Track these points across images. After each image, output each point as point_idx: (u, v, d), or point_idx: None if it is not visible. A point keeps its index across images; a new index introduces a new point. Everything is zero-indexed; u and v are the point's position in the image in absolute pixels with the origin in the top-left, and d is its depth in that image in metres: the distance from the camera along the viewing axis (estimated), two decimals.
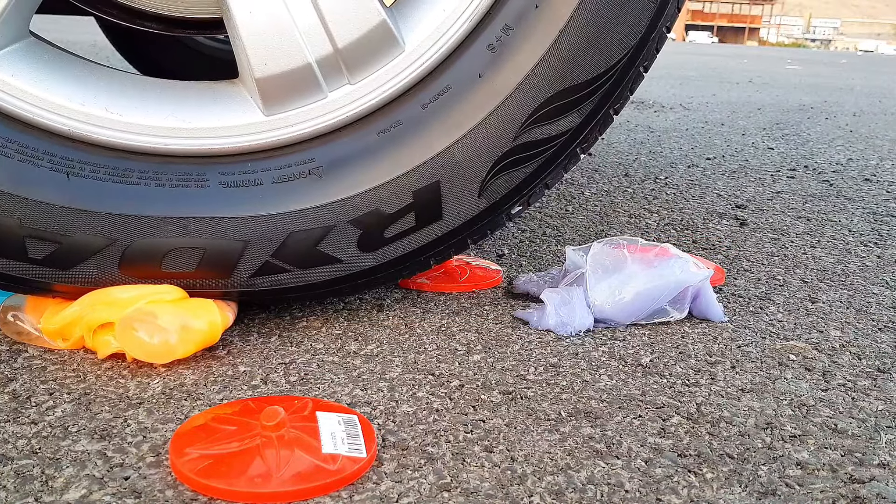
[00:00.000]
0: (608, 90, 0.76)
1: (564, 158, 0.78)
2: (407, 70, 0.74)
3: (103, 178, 0.70)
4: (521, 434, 0.61)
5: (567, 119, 0.75)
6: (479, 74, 0.74)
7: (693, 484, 0.56)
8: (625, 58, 0.75)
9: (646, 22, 0.74)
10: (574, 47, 0.73)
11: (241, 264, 0.73)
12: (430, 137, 0.74)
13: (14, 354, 0.70)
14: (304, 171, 0.73)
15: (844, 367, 0.76)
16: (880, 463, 0.60)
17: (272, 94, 0.72)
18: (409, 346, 0.76)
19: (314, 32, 0.71)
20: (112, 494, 0.51)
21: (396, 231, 0.75)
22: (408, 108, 0.74)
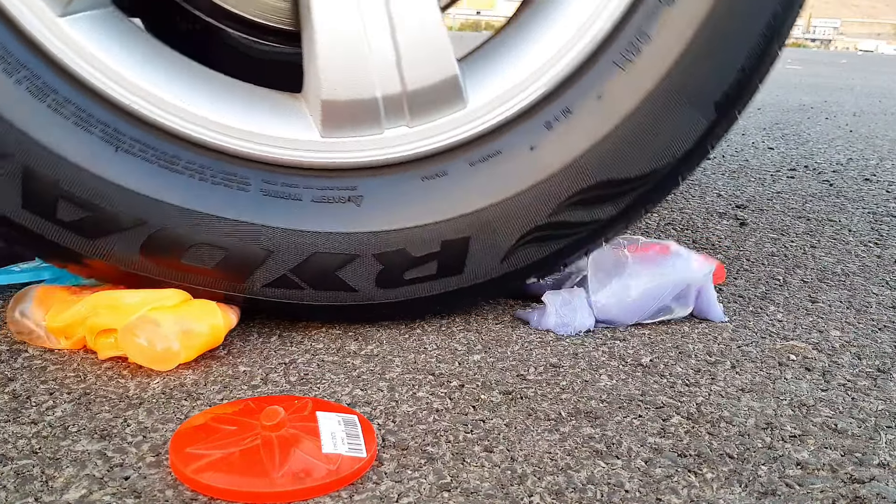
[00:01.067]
0: (647, 190, 0.78)
1: (589, 243, 0.80)
2: (464, 126, 0.75)
3: (150, 160, 0.70)
4: (521, 434, 0.61)
5: (602, 209, 0.77)
6: (530, 147, 0.75)
7: (693, 484, 0.56)
8: (670, 165, 0.77)
9: (695, 138, 0.77)
10: (626, 144, 0.75)
11: (258, 272, 0.73)
12: (471, 194, 0.75)
13: (14, 354, 0.70)
14: (345, 196, 0.74)
15: (844, 367, 0.76)
16: (880, 463, 0.60)
17: (334, 117, 0.73)
18: (409, 346, 0.76)
19: (388, 71, 0.72)
20: (112, 494, 0.51)
21: (416, 275, 0.76)
22: (456, 162, 0.75)
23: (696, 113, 0.76)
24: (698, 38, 0.74)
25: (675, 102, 0.75)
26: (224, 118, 0.72)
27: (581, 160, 0.75)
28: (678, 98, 0.75)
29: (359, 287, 0.75)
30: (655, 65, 0.74)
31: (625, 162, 0.76)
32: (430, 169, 0.75)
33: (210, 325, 0.69)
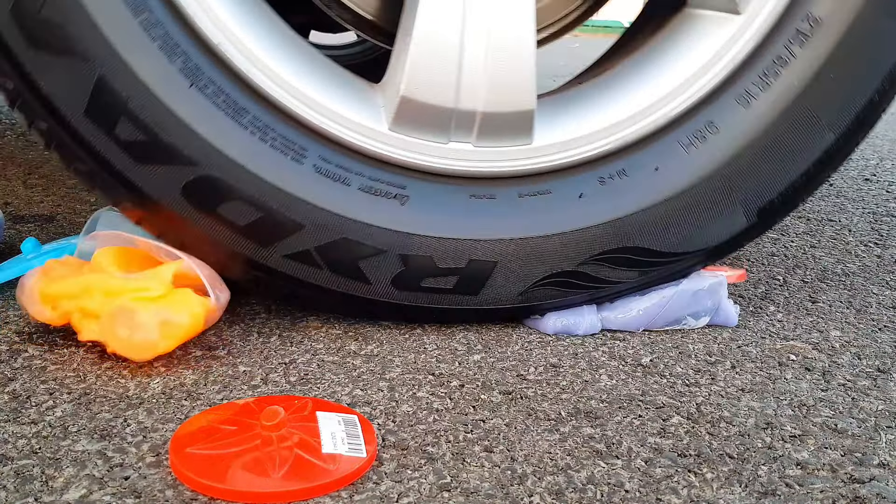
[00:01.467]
0: (673, 268, 0.80)
1: (602, 299, 0.81)
2: (525, 160, 0.76)
3: (219, 105, 0.70)
4: (521, 434, 0.61)
5: (628, 273, 0.79)
6: (580, 195, 0.77)
7: (693, 484, 0.56)
8: (702, 252, 0.80)
9: (731, 235, 0.80)
10: (669, 220, 0.78)
11: (284, 242, 0.73)
12: (510, 223, 0.76)
13: (14, 354, 0.70)
14: (392, 193, 0.74)
15: (844, 367, 0.76)
16: (880, 463, 0.60)
17: (407, 115, 0.73)
18: (409, 346, 0.76)
19: (472, 88, 0.73)
20: (112, 494, 0.51)
21: (432, 285, 0.76)
22: (507, 189, 0.77)
23: (739, 213, 0.79)
24: (752, 148, 0.78)
25: (725, 197, 0.78)
26: (301, 84, 0.72)
27: (624, 221, 0.77)
28: (729, 194, 0.78)
29: (374, 281, 0.75)
30: (714, 156, 0.78)
31: (663, 237, 0.78)
32: (480, 189, 0.76)
33: (190, 315, 0.68)
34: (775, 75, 0.77)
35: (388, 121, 0.73)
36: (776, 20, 0.76)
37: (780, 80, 0.76)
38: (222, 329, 0.77)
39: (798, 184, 0.79)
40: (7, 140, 1.67)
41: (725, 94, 0.77)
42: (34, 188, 1.27)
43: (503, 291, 0.77)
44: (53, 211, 1.15)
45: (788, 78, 0.76)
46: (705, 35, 0.77)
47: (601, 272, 0.78)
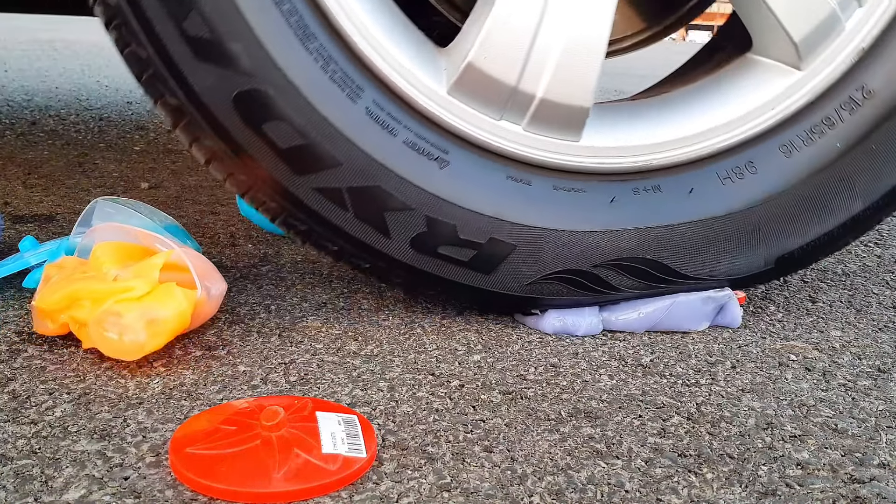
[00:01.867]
0: (685, 286, 0.82)
1: (605, 304, 0.81)
2: (565, 154, 0.77)
3: (290, 24, 0.70)
4: (521, 434, 0.61)
5: (638, 284, 0.80)
6: (611, 199, 0.78)
7: (693, 484, 0.56)
8: (715, 281, 0.81)
9: (752, 273, 0.82)
10: (690, 240, 0.80)
11: (318, 175, 0.73)
12: (539, 212, 0.77)
13: (14, 354, 0.70)
14: (434, 154, 0.74)
15: (845, 367, 0.76)
16: (880, 463, 0.60)
17: (466, 83, 0.74)
18: (409, 346, 0.76)
19: (537, 70, 0.74)
20: (112, 494, 0.51)
21: (449, 253, 0.76)
22: (543, 178, 0.78)
23: (760, 256, 0.81)
24: (784, 197, 0.80)
25: (750, 236, 0.80)
26: (372, 24, 0.72)
27: (649, 233, 0.78)
28: (754, 234, 0.80)
29: (394, 236, 0.75)
30: (748, 195, 0.79)
31: (682, 257, 0.79)
32: (519, 173, 0.77)
33: (175, 311, 0.68)
34: (821, 134, 0.79)
35: (448, 84, 0.74)
36: (832, 84, 0.79)
37: (825, 139, 0.79)
38: (222, 329, 0.77)
39: (819, 242, 0.82)
40: (7, 140, 1.67)
41: (770, 140, 0.80)
42: (34, 188, 1.27)
43: (514, 277, 0.77)
44: (53, 211, 1.15)
45: (832, 139, 0.79)
46: (763, 82, 0.80)
47: (613, 278, 0.78)
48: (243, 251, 1.02)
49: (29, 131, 1.78)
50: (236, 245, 1.04)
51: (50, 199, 1.22)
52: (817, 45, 0.78)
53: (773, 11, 0.76)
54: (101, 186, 1.31)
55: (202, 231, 1.10)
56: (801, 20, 0.76)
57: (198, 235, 1.08)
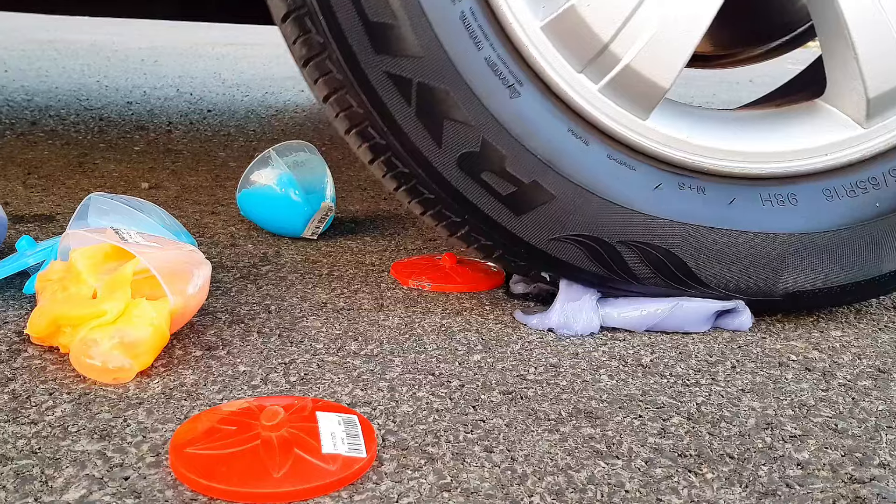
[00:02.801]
0: (694, 290, 0.83)
1: (614, 291, 0.83)
2: (627, 128, 0.77)
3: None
4: (521, 434, 0.61)
5: (653, 277, 0.81)
6: (656, 185, 0.79)
7: (693, 484, 0.56)
8: (721, 292, 0.83)
9: (759, 295, 0.83)
10: (708, 244, 0.81)
11: (391, 59, 0.73)
12: (586, 171, 0.77)
13: (14, 354, 0.70)
14: (509, 82, 0.73)
15: (845, 367, 0.76)
16: (881, 463, 0.60)
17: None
18: (409, 346, 0.76)
19: (633, 31, 0.74)
20: (112, 494, 0.51)
21: (489, 181, 0.76)
22: (598, 141, 0.77)
23: (773, 283, 0.82)
24: (814, 237, 0.82)
25: (771, 265, 0.81)
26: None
27: (682, 229, 0.79)
28: (775, 263, 0.82)
29: (445, 146, 0.74)
30: (783, 222, 0.81)
31: (707, 265, 0.81)
32: (579, 129, 0.76)
33: (150, 329, 0.67)
34: (863, 191, 0.82)
35: (543, 20, 0.73)
36: (887, 149, 0.81)
37: (866, 196, 0.82)
38: (222, 329, 0.77)
39: (831, 291, 0.84)
40: (7, 140, 1.67)
41: (815, 182, 0.81)
42: (34, 188, 1.27)
43: (541, 227, 0.77)
44: (53, 211, 1.15)
45: (873, 199, 0.82)
46: (823, 128, 0.82)
47: (633, 262, 0.79)
48: (243, 251, 1.02)
49: (29, 131, 1.78)
50: (236, 245, 1.04)
51: (50, 199, 1.22)
52: (886, 109, 0.80)
53: (859, 63, 0.78)
54: (101, 186, 1.31)
55: (202, 231, 1.10)
56: (881, 79, 0.79)
57: (198, 235, 1.08)
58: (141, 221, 0.86)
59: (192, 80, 2.90)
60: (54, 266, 0.74)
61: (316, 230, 1.07)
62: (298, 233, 1.07)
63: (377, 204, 1.30)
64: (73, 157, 1.54)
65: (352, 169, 1.56)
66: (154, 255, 0.70)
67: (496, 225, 0.78)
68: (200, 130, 1.90)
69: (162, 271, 0.68)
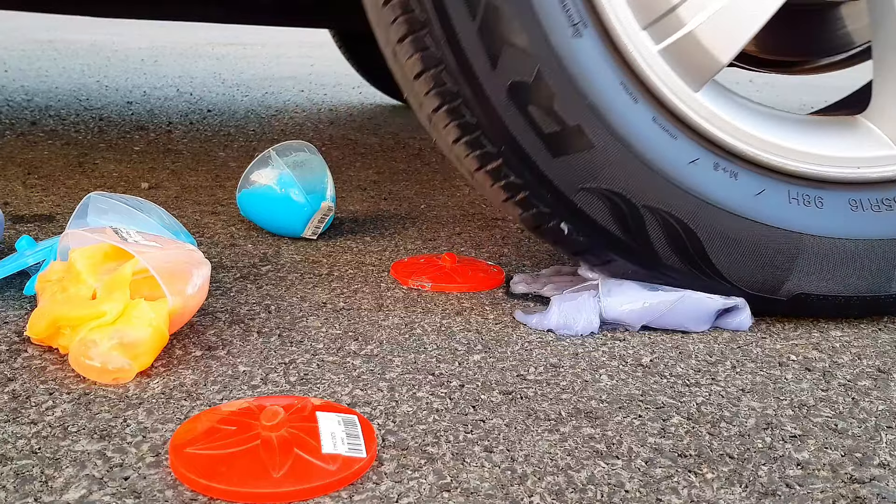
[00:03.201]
0: (696, 275, 0.84)
1: (627, 268, 0.83)
2: (677, 96, 0.77)
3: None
4: (521, 434, 0.61)
5: (671, 255, 0.81)
6: (693, 160, 0.79)
7: (693, 484, 0.56)
8: (741, 289, 0.83)
9: (769, 292, 0.83)
10: (731, 233, 0.81)
11: None
12: (631, 126, 0.76)
13: (14, 354, 0.70)
14: (574, 21, 0.74)
15: (845, 367, 0.76)
16: (881, 463, 0.60)
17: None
18: (409, 346, 0.76)
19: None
20: (112, 494, 0.51)
21: (534, 115, 0.75)
22: (646, 100, 0.77)
23: (782, 282, 0.83)
24: (836, 244, 0.82)
25: (782, 262, 0.82)
26: None
27: (707, 210, 0.79)
28: (786, 261, 0.82)
29: (499, 71, 0.74)
30: (802, 223, 0.81)
31: (723, 252, 0.81)
32: (631, 85, 0.76)
33: (149, 329, 0.66)
34: (888, 209, 0.83)
35: None
36: None
37: (890, 214, 0.83)
38: (222, 329, 0.77)
39: (836, 300, 0.84)
40: (7, 140, 1.67)
41: (844, 191, 0.82)
42: (34, 188, 1.27)
43: (573, 173, 0.77)
44: (53, 211, 1.15)
45: (895, 217, 0.83)
46: (859, 142, 0.83)
47: (654, 231, 0.79)
48: (243, 251, 1.02)
49: (29, 131, 1.78)
50: (236, 245, 1.04)
51: (50, 199, 1.22)
52: None
53: None
54: (101, 186, 1.31)
55: (202, 231, 1.10)
56: None
57: (198, 235, 1.08)
58: (140, 221, 0.86)
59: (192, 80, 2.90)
60: (54, 266, 0.74)
61: (316, 230, 1.07)
62: (298, 233, 1.07)
63: (377, 204, 1.30)
64: (73, 157, 1.54)
65: (352, 169, 1.56)
66: (153, 255, 0.70)
67: (531, 163, 0.77)
68: (200, 130, 1.90)
69: (161, 271, 0.68)
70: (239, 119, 2.10)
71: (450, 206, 1.31)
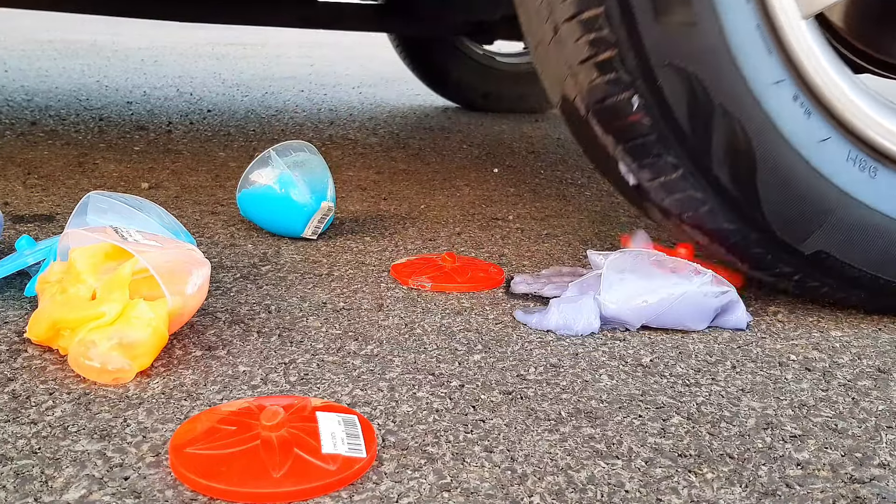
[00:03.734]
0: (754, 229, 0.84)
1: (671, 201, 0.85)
2: None
3: None
4: (521, 434, 0.61)
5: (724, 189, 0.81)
6: (794, 95, 0.79)
7: (693, 484, 0.56)
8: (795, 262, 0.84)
9: None
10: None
11: None
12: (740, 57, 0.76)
13: (14, 354, 0.70)
14: None
15: (845, 367, 0.76)
16: (881, 463, 0.60)
17: None
18: (409, 346, 0.76)
19: None
20: (112, 494, 0.51)
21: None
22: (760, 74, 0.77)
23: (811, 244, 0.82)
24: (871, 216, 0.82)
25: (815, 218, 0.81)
26: None
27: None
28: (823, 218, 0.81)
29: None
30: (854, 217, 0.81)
31: (777, 206, 0.81)
32: (771, 38, 0.77)
33: (148, 330, 0.66)
34: None
35: None
36: None
37: None
38: (222, 329, 0.77)
39: (851, 273, 0.84)
40: (7, 140, 1.67)
41: None
42: (34, 188, 1.27)
43: (669, 40, 0.76)
44: (53, 211, 1.15)
45: None
46: None
47: (718, 133, 0.77)
48: (243, 251, 1.02)
49: (29, 131, 1.78)
50: (236, 245, 1.04)
51: (50, 199, 1.21)
52: None
53: None
54: (101, 186, 1.31)
55: (202, 231, 1.10)
56: None
57: (197, 235, 1.07)
58: (140, 220, 0.86)
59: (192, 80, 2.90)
60: (54, 267, 0.74)
61: (316, 230, 1.07)
62: (298, 233, 1.07)
63: (377, 204, 1.30)
64: (73, 157, 1.54)
65: (352, 169, 1.56)
66: (153, 255, 0.70)
67: (631, 19, 0.75)
68: (200, 130, 1.90)
69: (160, 271, 0.68)
70: (239, 119, 2.10)
71: (450, 206, 1.31)
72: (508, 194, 1.41)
